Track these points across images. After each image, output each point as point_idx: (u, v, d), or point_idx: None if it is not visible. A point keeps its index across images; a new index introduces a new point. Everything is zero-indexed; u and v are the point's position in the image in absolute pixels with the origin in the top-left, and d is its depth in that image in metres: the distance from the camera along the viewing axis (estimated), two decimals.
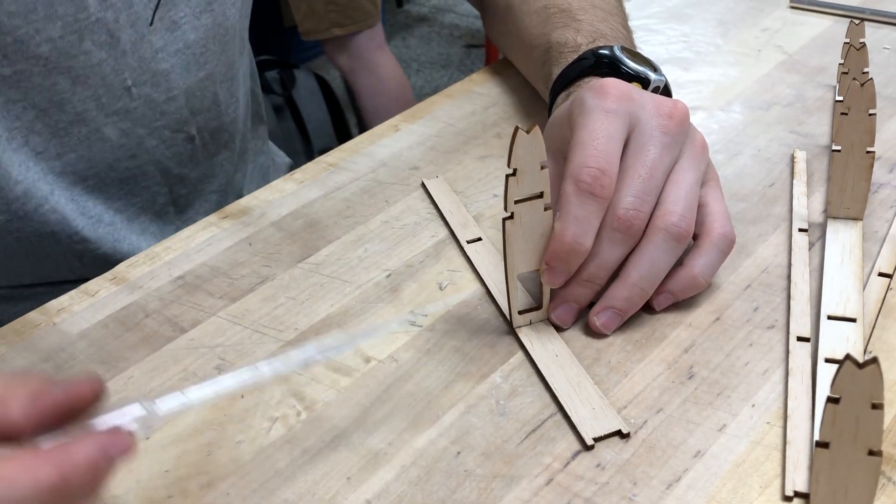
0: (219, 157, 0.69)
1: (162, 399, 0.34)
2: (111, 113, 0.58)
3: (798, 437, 0.40)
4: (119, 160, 0.60)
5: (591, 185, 0.44)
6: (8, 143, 0.55)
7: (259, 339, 0.48)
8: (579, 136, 0.45)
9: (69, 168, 0.58)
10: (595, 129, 0.45)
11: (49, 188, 0.58)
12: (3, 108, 0.54)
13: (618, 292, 0.46)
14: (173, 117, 0.62)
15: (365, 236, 0.56)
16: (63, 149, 0.57)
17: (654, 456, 0.40)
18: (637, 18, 0.82)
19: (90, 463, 0.29)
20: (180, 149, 0.64)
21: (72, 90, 0.56)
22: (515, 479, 0.39)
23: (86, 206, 0.60)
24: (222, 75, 0.65)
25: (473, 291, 0.50)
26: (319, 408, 0.43)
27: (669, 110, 0.47)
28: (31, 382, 0.32)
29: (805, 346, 0.45)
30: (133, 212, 0.63)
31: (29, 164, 0.56)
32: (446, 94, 0.72)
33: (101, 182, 0.60)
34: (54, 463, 0.29)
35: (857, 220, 0.53)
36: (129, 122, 0.59)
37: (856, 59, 0.57)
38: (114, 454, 0.30)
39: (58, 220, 0.58)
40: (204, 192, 0.69)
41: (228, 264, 0.54)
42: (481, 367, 0.45)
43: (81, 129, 0.57)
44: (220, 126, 0.67)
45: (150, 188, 0.64)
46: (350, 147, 0.65)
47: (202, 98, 0.64)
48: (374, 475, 0.40)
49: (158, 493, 0.39)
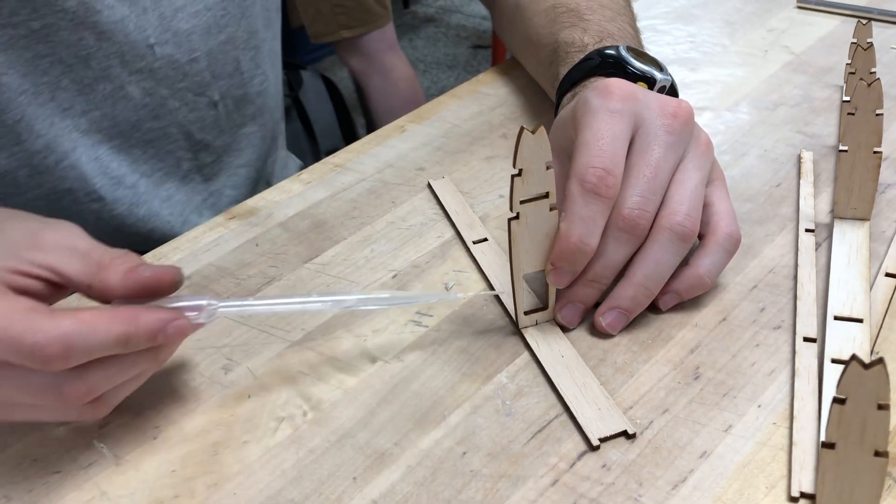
0: (245, 130, 0.70)
1: (225, 301, 0.42)
2: (135, 71, 0.59)
3: (804, 437, 0.40)
4: (142, 120, 0.61)
5: (596, 185, 0.44)
6: (34, 98, 0.56)
7: (266, 339, 0.48)
8: (584, 137, 0.46)
9: (94, 126, 0.59)
10: (600, 129, 0.45)
11: (71, 145, 0.58)
12: (32, 63, 0.55)
13: (623, 292, 0.46)
14: (195, 80, 0.63)
15: (371, 237, 0.56)
16: (88, 106, 0.58)
17: (659, 456, 0.40)
18: (644, 19, 0.82)
19: (150, 329, 0.38)
20: (203, 113, 0.65)
21: (97, 45, 0.57)
22: (521, 480, 0.39)
23: (109, 167, 0.61)
24: (244, 42, 0.66)
25: (479, 291, 0.51)
26: (326, 408, 0.44)
27: (674, 110, 0.47)
28: (130, 261, 0.40)
29: (811, 347, 0.45)
30: (159, 177, 0.64)
31: (54, 119, 0.57)
32: (453, 94, 0.72)
33: (125, 142, 0.61)
34: (125, 321, 0.38)
35: (864, 220, 0.53)
36: (152, 82, 0.60)
37: (863, 60, 0.57)
38: (170, 330, 0.39)
39: (76, 177, 0.59)
40: (231, 165, 0.70)
41: (235, 265, 0.54)
42: (487, 367, 0.45)
43: (106, 86, 0.58)
44: (244, 96, 0.68)
45: (174, 153, 0.64)
46: (356, 148, 0.65)
47: (223, 62, 0.65)
48: (380, 475, 0.40)
49: (165, 493, 0.40)
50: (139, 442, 0.42)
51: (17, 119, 0.55)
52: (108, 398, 0.40)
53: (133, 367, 0.40)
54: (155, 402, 0.44)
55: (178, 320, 0.39)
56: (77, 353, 0.37)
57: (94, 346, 0.37)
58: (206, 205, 0.68)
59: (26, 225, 0.41)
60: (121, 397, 0.41)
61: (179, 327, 0.39)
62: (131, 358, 0.39)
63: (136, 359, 0.39)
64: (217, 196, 0.69)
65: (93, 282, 0.40)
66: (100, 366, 0.38)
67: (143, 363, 0.40)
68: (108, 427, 0.43)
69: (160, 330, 0.39)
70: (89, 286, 0.40)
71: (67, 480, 0.41)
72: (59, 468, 0.41)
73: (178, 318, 0.40)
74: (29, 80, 0.55)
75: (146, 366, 0.40)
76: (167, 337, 0.39)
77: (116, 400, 0.41)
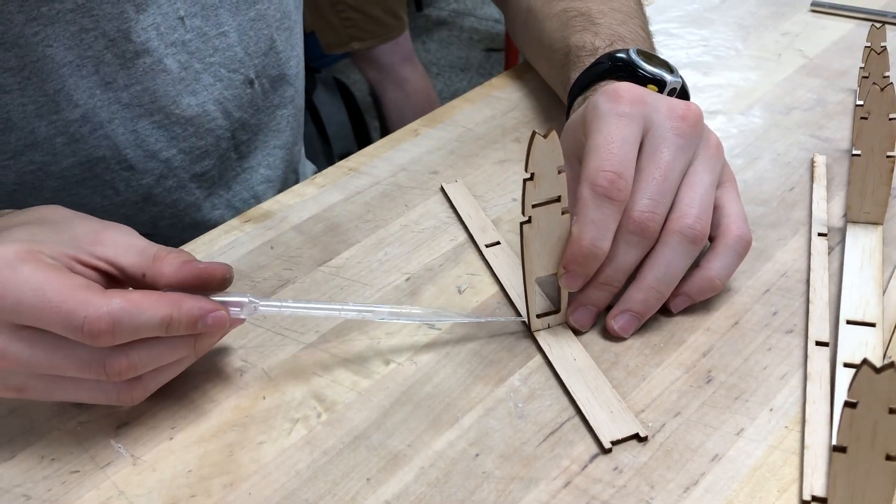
0: (283, 112, 0.71)
1: (265, 301, 0.45)
2: (169, 44, 0.61)
3: (816, 441, 0.40)
4: (181, 94, 0.62)
5: (607, 189, 0.44)
6: (77, 70, 0.57)
7: (280, 340, 0.48)
8: (594, 141, 0.46)
9: (135, 100, 0.60)
10: (610, 133, 0.46)
11: (109, 116, 0.60)
12: (77, 37, 0.56)
13: (635, 295, 0.46)
14: (227, 54, 0.64)
15: (385, 240, 0.56)
16: (130, 80, 0.60)
17: (671, 459, 0.40)
18: (657, 23, 0.83)
19: (192, 315, 0.41)
20: (239, 91, 0.66)
21: (136, 18, 0.58)
22: (533, 482, 0.39)
23: (146, 141, 0.62)
24: (278, 22, 0.67)
25: (492, 295, 0.51)
26: (340, 409, 0.44)
27: (683, 112, 0.47)
28: (184, 256, 0.43)
29: (824, 351, 0.45)
30: (197, 154, 0.65)
31: (95, 91, 0.59)
32: (466, 98, 0.72)
33: (166, 118, 0.62)
34: (169, 304, 0.40)
35: (877, 224, 0.53)
36: (185, 55, 0.62)
37: (877, 63, 0.57)
38: (209, 320, 0.42)
39: (109, 146, 0.61)
40: (268, 145, 0.71)
41: (251, 267, 0.54)
42: (500, 370, 0.46)
43: (146, 59, 0.60)
44: (280, 76, 0.69)
45: (213, 131, 0.65)
46: (370, 151, 0.66)
47: (256, 40, 0.66)
48: (394, 476, 0.40)
49: (182, 493, 0.40)
50: (156, 442, 0.43)
51: (58, 88, 0.57)
52: (146, 381, 0.42)
53: (173, 351, 0.42)
54: (171, 403, 0.45)
55: (219, 311, 0.42)
56: (123, 329, 0.39)
57: (139, 325, 0.40)
58: (239, 180, 0.69)
59: (90, 224, 0.44)
60: (159, 383, 0.43)
61: (218, 318, 0.42)
62: (172, 342, 0.42)
63: (176, 343, 0.42)
64: (250, 172, 0.70)
65: (147, 271, 0.43)
66: (143, 345, 0.41)
67: (182, 349, 0.42)
68: (125, 427, 0.44)
69: (200, 317, 0.41)
70: (143, 275, 0.43)
71: (85, 480, 0.41)
72: (77, 468, 0.42)
73: (219, 310, 0.42)
74: (73, 52, 0.57)
75: (185, 352, 0.42)
76: (206, 326, 0.42)
77: (154, 385, 0.43)
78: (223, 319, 0.42)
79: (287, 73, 0.70)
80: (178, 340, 0.42)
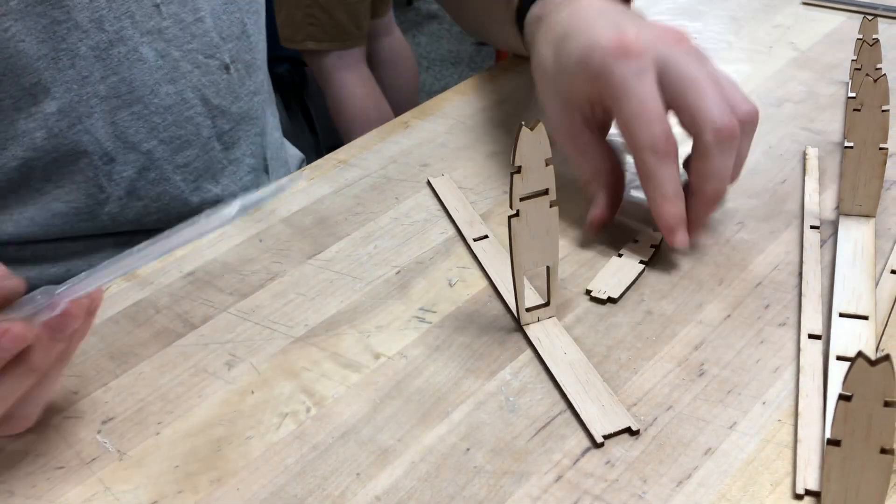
0: (259, 98, 0.71)
1: (63, 286, 0.38)
2: (145, 32, 0.60)
3: (809, 434, 0.40)
4: (159, 83, 0.62)
5: (665, 151, 0.48)
6: (53, 63, 0.57)
7: (269, 335, 0.48)
8: (630, 110, 0.49)
9: (113, 91, 0.60)
10: (639, 97, 0.48)
11: (87, 110, 0.59)
12: (49, 29, 0.56)
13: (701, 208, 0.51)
14: (203, 40, 0.64)
15: (375, 233, 0.56)
16: (106, 71, 0.59)
17: (663, 453, 0.40)
18: (649, 15, 0.82)
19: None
20: (216, 77, 0.66)
21: (108, 6, 0.58)
22: (525, 476, 0.39)
23: (125, 132, 0.62)
24: (248, 5, 0.67)
25: (482, 288, 0.50)
26: (329, 404, 0.43)
27: (678, 36, 0.51)
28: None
29: (816, 344, 0.44)
30: (178, 144, 0.65)
31: (73, 85, 0.58)
32: (456, 90, 0.72)
33: (145, 109, 0.62)
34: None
35: (869, 217, 0.52)
36: (162, 43, 0.61)
37: (869, 56, 0.57)
38: (8, 345, 0.36)
39: (90, 141, 0.60)
40: (250, 133, 0.70)
41: (239, 260, 0.54)
42: (490, 363, 0.45)
43: (121, 48, 0.59)
44: (253, 61, 0.69)
45: (193, 119, 0.65)
46: (360, 144, 0.65)
47: (229, 24, 0.66)
48: (384, 471, 0.40)
49: (169, 488, 0.40)
50: (142, 437, 0.42)
51: (34, 82, 0.57)
52: (17, 416, 0.40)
53: (12, 386, 0.38)
54: (158, 398, 0.44)
55: (7, 333, 0.36)
56: None
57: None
58: (226, 173, 0.69)
59: None
60: (36, 407, 0.40)
61: (11, 337, 0.36)
62: (3, 379, 0.38)
63: (9, 377, 0.38)
64: (237, 164, 0.70)
65: None
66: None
67: (20, 378, 0.38)
68: (111, 422, 0.43)
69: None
70: None
71: (70, 475, 0.41)
72: (62, 463, 0.41)
73: (7, 331, 0.36)
74: (47, 45, 0.56)
75: (25, 377, 0.38)
76: (7, 351, 0.36)
77: (32, 410, 0.40)
78: (16, 334, 0.36)
79: (257, 58, 0.70)
80: (6, 375, 0.37)
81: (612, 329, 0.47)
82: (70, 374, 0.46)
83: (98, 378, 0.46)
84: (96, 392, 0.45)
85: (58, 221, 0.62)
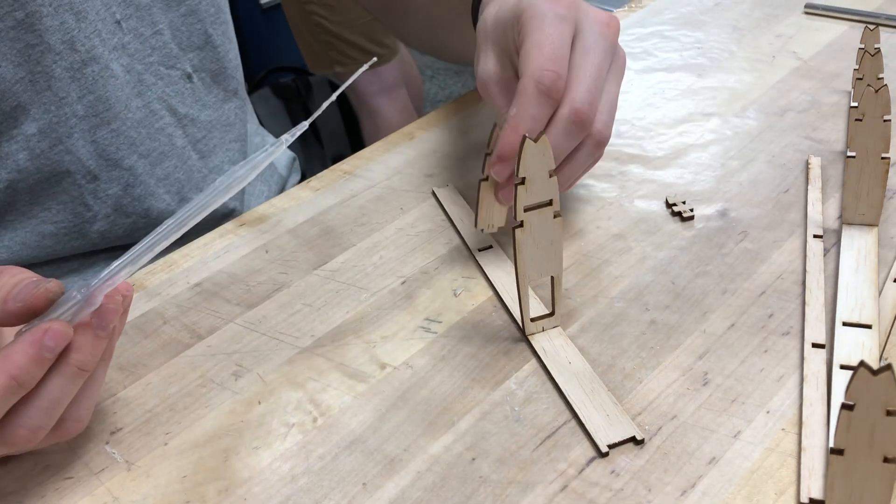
0: (231, 105, 0.71)
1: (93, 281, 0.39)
2: (112, 48, 0.61)
3: (813, 443, 0.40)
4: (130, 98, 0.63)
5: (549, 88, 0.47)
6: (31, 85, 0.57)
7: (276, 345, 0.48)
8: (536, 39, 0.49)
9: (91, 111, 0.60)
10: (551, 33, 0.49)
11: (67, 130, 0.60)
12: (24, 53, 0.57)
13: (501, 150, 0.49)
14: (163, 52, 0.65)
15: (380, 243, 0.56)
16: (82, 91, 0.60)
17: (668, 462, 0.40)
18: (651, 25, 0.83)
19: (31, 358, 0.37)
20: (179, 87, 0.66)
21: (77, 27, 0.58)
22: (530, 486, 0.39)
23: (107, 150, 0.62)
24: (212, 17, 0.68)
25: (487, 298, 0.51)
26: (335, 414, 0.44)
27: (608, 20, 0.51)
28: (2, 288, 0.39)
29: (820, 353, 0.45)
30: (155, 156, 0.65)
31: (51, 107, 0.59)
32: (461, 101, 0.72)
33: (122, 125, 0.62)
34: (2, 370, 0.36)
35: (872, 226, 0.53)
36: (126, 57, 0.62)
37: (871, 65, 0.57)
38: (51, 343, 0.37)
39: (72, 160, 0.61)
40: (225, 140, 0.71)
41: (245, 271, 0.54)
42: (496, 373, 0.45)
43: (94, 67, 0.60)
44: (220, 69, 0.70)
45: (164, 129, 0.66)
46: (365, 155, 0.66)
47: (189, 35, 0.66)
48: (390, 481, 0.40)
49: (176, 498, 0.40)
50: (150, 447, 0.43)
51: (14, 105, 0.57)
52: (73, 412, 0.40)
53: (63, 386, 0.39)
54: (166, 409, 0.45)
55: (50, 329, 0.37)
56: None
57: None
58: (208, 181, 0.69)
59: None
60: (89, 404, 0.41)
61: (54, 333, 0.37)
62: (54, 380, 0.38)
63: (60, 378, 0.38)
64: (218, 172, 0.70)
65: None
66: (25, 408, 0.38)
67: (71, 377, 0.39)
68: (119, 433, 0.43)
69: (38, 353, 0.37)
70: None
71: (79, 486, 0.41)
72: (70, 474, 0.41)
73: (48, 328, 0.38)
74: (24, 68, 0.57)
75: (71, 380, 0.39)
76: (50, 349, 0.37)
77: (86, 408, 0.41)
78: (57, 331, 0.37)
79: (227, 67, 0.70)
80: (58, 376, 0.38)
81: (617, 339, 0.47)
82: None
83: (106, 389, 0.46)
84: (105, 403, 0.45)
85: (49, 242, 0.63)
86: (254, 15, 2.38)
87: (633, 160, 0.62)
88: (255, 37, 2.37)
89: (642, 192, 0.59)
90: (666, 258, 0.53)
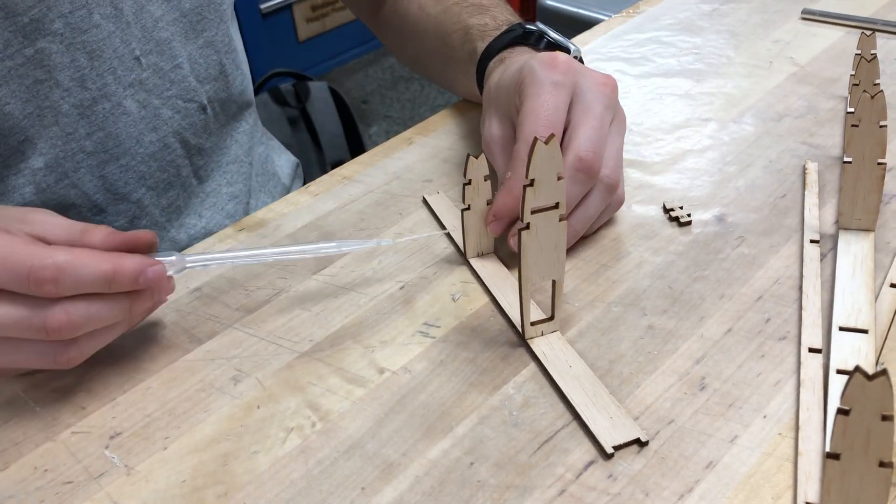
0: (229, 128, 0.72)
1: (191, 256, 0.49)
2: (127, 85, 0.61)
3: (810, 448, 0.40)
4: (143, 133, 0.63)
5: None
6: (39, 120, 0.58)
7: (275, 350, 0.48)
8: (532, 105, 0.51)
9: (100, 147, 0.61)
10: (546, 100, 0.51)
11: (74, 165, 0.60)
12: (32, 89, 0.57)
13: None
14: (182, 85, 0.65)
15: (378, 248, 0.56)
16: (92, 128, 0.60)
17: (665, 467, 0.40)
18: (649, 31, 0.83)
19: (133, 270, 0.43)
20: (195, 119, 0.67)
21: (90, 65, 0.58)
22: (528, 490, 0.39)
23: (115, 185, 0.63)
24: (225, 46, 0.68)
25: (485, 303, 0.51)
26: (334, 418, 0.44)
27: (605, 80, 0.54)
28: (109, 228, 0.46)
29: (817, 358, 0.45)
30: (162, 188, 0.66)
31: (57, 142, 0.59)
32: (459, 106, 0.72)
33: (132, 160, 0.63)
34: (111, 261, 0.43)
35: (868, 231, 0.53)
36: (143, 93, 0.62)
37: (867, 71, 0.57)
38: (150, 274, 0.44)
39: (78, 194, 0.61)
40: (222, 164, 0.71)
41: (245, 276, 0.54)
42: (494, 378, 0.46)
43: (105, 104, 0.60)
44: (228, 97, 0.70)
45: (174, 161, 0.66)
46: (364, 160, 0.66)
47: (206, 66, 0.67)
48: (389, 485, 0.40)
49: (176, 503, 0.40)
50: (150, 452, 0.43)
51: (22, 140, 0.57)
52: (82, 344, 0.44)
53: (110, 311, 0.44)
54: (165, 413, 0.45)
55: (157, 266, 0.45)
56: (67, 280, 0.41)
57: (82, 278, 0.42)
58: (206, 205, 0.69)
59: (12, 209, 0.47)
60: (94, 347, 0.45)
61: (157, 272, 0.44)
62: (110, 302, 0.43)
63: (113, 304, 0.44)
64: (216, 195, 0.70)
65: (76, 243, 0.44)
66: (82, 302, 0.42)
67: (118, 311, 0.44)
68: (118, 437, 0.44)
69: (141, 272, 0.44)
70: (72, 246, 0.44)
71: (79, 490, 0.41)
72: (70, 478, 0.42)
73: (157, 265, 0.45)
74: (32, 104, 0.57)
75: (121, 315, 0.44)
76: (147, 280, 0.44)
77: (90, 348, 0.44)
78: (161, 273, 0.45)
79: (233, 93, 0.71)
80: (115, 301, 0.43)
81: (614, 343, 0.47)
82: (78, 389, 0.46)
83: (106, 393, 0.46)
84: (104, 407, 0.45)
85: None
86: (254, 21, 2.39)
87: (631, 165, 0.62)
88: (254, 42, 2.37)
89: (640, 197, 0.59)
90: (663, 263, 0.53)
